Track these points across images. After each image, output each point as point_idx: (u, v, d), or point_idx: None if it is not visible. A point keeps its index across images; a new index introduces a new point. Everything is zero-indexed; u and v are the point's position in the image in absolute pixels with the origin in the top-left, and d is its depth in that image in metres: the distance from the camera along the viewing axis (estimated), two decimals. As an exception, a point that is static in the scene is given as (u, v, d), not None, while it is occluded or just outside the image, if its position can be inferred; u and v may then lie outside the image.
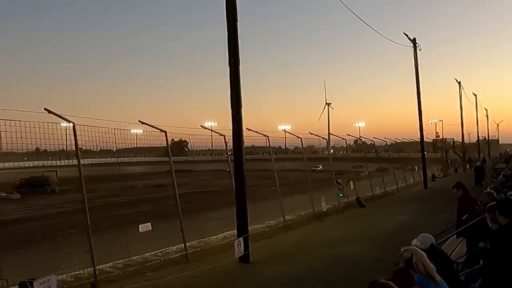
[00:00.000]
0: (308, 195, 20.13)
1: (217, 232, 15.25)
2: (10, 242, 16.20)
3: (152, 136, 12.94)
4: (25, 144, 9.90)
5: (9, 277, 8.56)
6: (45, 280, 7.01)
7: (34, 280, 7.02)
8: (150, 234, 11.74)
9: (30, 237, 18.78)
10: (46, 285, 6.98)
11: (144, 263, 11.48)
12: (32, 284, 6.99)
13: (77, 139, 10.05)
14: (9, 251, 13.44)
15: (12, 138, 9.64)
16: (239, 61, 12.06)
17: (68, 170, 37.22)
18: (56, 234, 18.45)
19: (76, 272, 10.39)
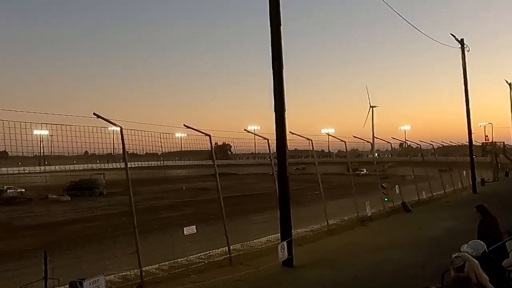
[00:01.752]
0: (352, 199, 19.88)
1: (260, 236, 15.25)
2: (60, 242, 16.67)
3: (196, 139, 13.10)
4: (75, 147, 10.23)
5: (59, 276, 8.81)
6: (94, 280, 7.20)
7: (83, 280, 7.21)
8: (194, 237, 11.87)
9: (79, 238, 19.29)
10: (95, 285, 7.17)
11: (188, 265, 11.61)
12: (81, 284, 7.19)
13: (124, 143, 10.29)
14: (59, 251, 13.83)
15: (63, 142, 9.96)
16: (282, 65, 12.06)
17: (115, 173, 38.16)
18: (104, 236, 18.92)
19: (124, 273, 10.60)
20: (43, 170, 43.07)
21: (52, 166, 38.71)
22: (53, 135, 9.99)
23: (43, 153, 12.07)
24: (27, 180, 29.50)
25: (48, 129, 10.08)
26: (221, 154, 69.52)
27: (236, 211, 18.61)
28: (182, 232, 11.52)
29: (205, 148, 13.47)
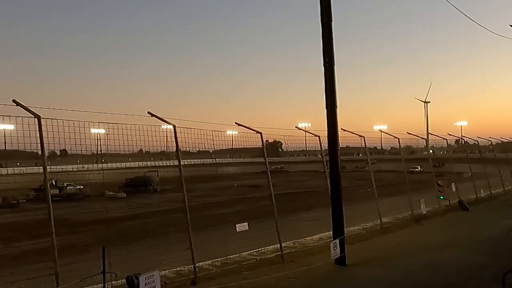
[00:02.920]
0: (406, 197, 19.44)
1: (312, 233, 15.18)
2: (116, 238, 17.16)
3: (247, 137, 13.17)
4: (130, 145, 10.51)
5: (116, 271, 9.07)
6: (149, 275, 7.37)
7: (139, 275, 7.39)
8: (246, 234, 11.93)
9: (134, 234, 19.82)
10: (150, 280, 7.33)
11: (241, 262, 11.70)
12: (137, 278, 7.37)
13: (177, 141, 10.48)
14: (115, 246, 14.25)
15: (118, 140, 10.24)
16: (334, 61, 11.93)
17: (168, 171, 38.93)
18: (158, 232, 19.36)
19: (178, 268, 10.80)
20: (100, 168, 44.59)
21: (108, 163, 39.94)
22: (110, 133, 10.29)
23: (100, 151, 12.47)
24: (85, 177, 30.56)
25: (104, 128, 10.38)
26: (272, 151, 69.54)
27: (287, 208, 18.57)
28: (234, 228, 11.62)
29: (256, 145, 13.51)
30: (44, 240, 10.63)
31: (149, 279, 7.30)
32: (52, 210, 8.40)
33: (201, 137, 11.70)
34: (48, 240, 8.54)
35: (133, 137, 10.34)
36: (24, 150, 9.11)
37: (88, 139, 10.17)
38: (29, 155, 31.64)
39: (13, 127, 8.79)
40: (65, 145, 9.40)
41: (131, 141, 10.40)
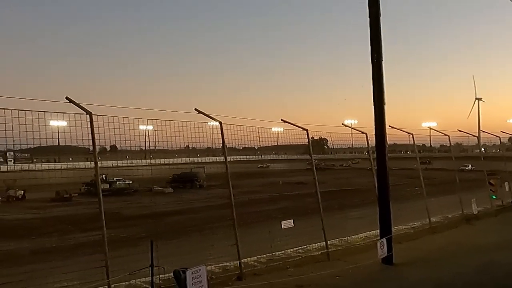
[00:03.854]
0: (456, 196, 18.88)
1: (358, 232, 14.99)
2: (163, 232, 17.49)
3: (292, 134, 13.13)
4: (177, 142, 10.67)
5: (164, 265, 9.24)
6: (196, 270, 7.45)
7: (186, 269, 7.49)
8: (291, 231, 11.91)
9: (181, 228, 20.16)
10: (197, 275, 7.42)
11: (286, 259, 11.69)
12: (184, 273, 7.47)
13: (223, 137, 10.56)
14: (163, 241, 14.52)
15: (166, 136, 10.42)
16: (382, 56, 11.70)
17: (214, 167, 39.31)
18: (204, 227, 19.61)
19: (223, 264, 10.90)
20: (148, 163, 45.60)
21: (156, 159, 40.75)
22: (157, 130, 10.48)
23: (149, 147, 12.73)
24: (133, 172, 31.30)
25: (152, 125, 10.58)
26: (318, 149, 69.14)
27: (333, 205, 18.43)
28: (279, 225, 11.62)
29: (302, 142, 13.45)
30: (95, 233, 10.94)
31: (195, 273, 7.39)
32: (102, 204, 8.63)
33: (246, 133, 11.76)
34: (99, 234, 8.79)
35: (180, 133, 10.50)
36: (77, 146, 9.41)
37: (137, 135, 10.40)
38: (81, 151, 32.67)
39: (66, 123, 9.09)
40: (115, 141, 9.64)
41: (178, 137, 10.56)
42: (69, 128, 8.99)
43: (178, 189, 42.75)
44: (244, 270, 10.31)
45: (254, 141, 12.40)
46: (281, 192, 34.47)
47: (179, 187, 43.71)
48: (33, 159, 68.78)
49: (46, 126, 8.66)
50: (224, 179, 11.03)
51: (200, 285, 7.43)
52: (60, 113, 8.74)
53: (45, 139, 8.84)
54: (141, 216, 24.90)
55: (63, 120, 9.04)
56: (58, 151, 37.94)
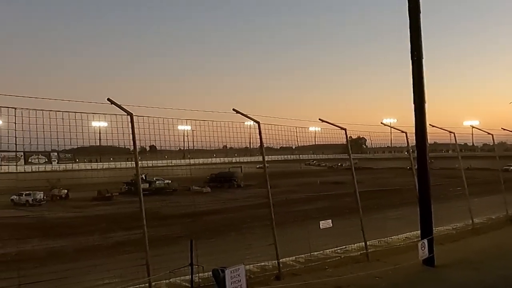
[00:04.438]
0: (500, 197, 18.32)
1: (397, 232, 14.75)
2: (201, 232, 17.69)
3: (330, 133, 13.03)
4: (215, 142, 10.76)
5: (203, 263, 9.33)
6: (235, 269, 7.48)
7: (225, 269, 7.53)
8: (329, 231, 11.83)
9: (218, 228, 20.35)
10: (235, 274, 7.45)
11: (324, 259, 11.61)
12: (223, 272, 7.51)
13: (261, 137, 10.58)
14: (201, 239, 14.69)
15: (204, 136, 10.53)
16: (422, 54, 11.47)
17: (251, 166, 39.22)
18: (241, 226, 19.75)
19: (262, 263, 10.91)
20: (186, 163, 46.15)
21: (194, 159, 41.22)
22: (195, 130, 10.59)
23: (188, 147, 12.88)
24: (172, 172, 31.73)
25: (190, 125, 10.70)
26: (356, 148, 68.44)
27: (372, 206, 18.20)
28: (317, 225, 11.56)
29: (339, 141, 13.33)
30: (135, 232, 11.16)
31: (234, 272, 7.42)
32: (143, 203, 8.78)
33: (284, 133, 11.74)
34: (139, 232, 8.94)
35: (217, 133, 10.58)
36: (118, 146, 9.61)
37: (176, 135, 10.53)
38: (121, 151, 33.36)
39: (106, 124, 9.29)
40: (155, 141, 9.80)
41: (216, 137, 10.64)
42: (110, 128, 9.18)
43: (216, 189, 43.12)
44: (282, 270, 10.29)
45: (292, 140, 12.36)
46: (319, 192, 34.27)
47: (217, 187, 44.08)
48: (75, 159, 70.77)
49: (88, 127, 8.91)
50: (261, 179, 11.04)
51: (239, 284, 7.45)
52: (101, 114, 8.96)
53: (87, 139, 9.10)
54: (180, 215, 25.29)
55: (104, 121, 9.25)
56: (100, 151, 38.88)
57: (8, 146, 7.99)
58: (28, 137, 7.99)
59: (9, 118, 7.62)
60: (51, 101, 8.30)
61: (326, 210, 20.49)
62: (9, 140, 7.85)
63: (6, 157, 63.87)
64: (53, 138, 8.36)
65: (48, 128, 8.11)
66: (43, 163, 75.00)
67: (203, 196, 38.19)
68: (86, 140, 9.20)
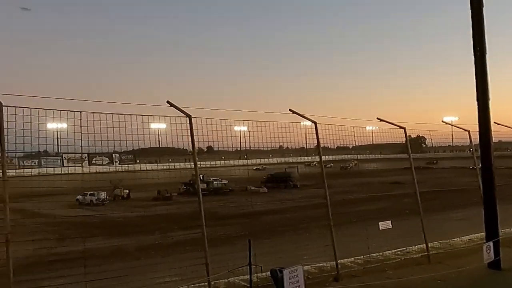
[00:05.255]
0: None
1: (460, 234, 14.26)
2: (258, 231, 17.78)
3: (388, 132, 12.79)
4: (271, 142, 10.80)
5: (260, 263, 9.38)
6: (293, 269, 7.47)
7: (283, 269, 7.54)
8: (388, 232, 11.58)
9: (275, 227, 20.37)
10: (293, 274, 7.44)
11: (384, 261, 11.39)
12: (281, 272, 7.51)
13: (318, 137, 10.52)
14: (259, 239, 14.76)
15: (260, 137, 10.58)
16: (485, 49, 11.02)
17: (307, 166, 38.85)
18: (298, 227, 19.69)
19: (319, 264, 10.84)
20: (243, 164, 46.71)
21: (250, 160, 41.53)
22: (251, 130, 10.67)
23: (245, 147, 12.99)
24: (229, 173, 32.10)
25: (247, 125, 10.78)
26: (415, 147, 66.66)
27: (433, 206, 17.63)
28: (376, 226, 11.36)
29: (397, 140, 13.05)
30: (194, 231, 11.34)
31: (292, 273, 7.42)
32: (202, 203, 8.93)
33: (341, 133, 11.61)
34: (198, 232, 9.10)
35: (273, 134, 10.61)
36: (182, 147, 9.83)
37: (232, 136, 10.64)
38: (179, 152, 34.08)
39: (165, 125, 9.53)
40: (212, 142, 9.96)
41: (272, 137, 10.67)
42: (169, 130, 9.40)
43: (272, 189, 43.19)
44: (340, 271, 10.18)
45: (349, 140, 12.21)
46: (377, 192, 33.65)
47: (273, 187, 44.15)
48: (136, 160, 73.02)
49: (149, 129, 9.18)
50: (318, 179, 10.97)
51: (297, 285, 7.44)
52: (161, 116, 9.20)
53: (148, 141, 9.38)
54: (237, 215, 25.54)
55: (163, 123, 9.49)
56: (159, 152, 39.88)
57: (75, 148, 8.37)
58: (93, 139, 8.30)
59: (74, 122, 7.96)
60: (113, 104, 8.63)
61: (385, 210, 20.09)
62: (75, 142, 8.19)
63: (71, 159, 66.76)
64: (116, 140, 8.66)
65: (111, 131, 8.41)
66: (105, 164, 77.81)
67: (260, 196, 38.35)
68: (146, 142, 9.50)
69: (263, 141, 10.67)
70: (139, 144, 9.67)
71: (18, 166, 54.29)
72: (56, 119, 7.98)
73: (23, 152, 8.62)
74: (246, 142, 12.08)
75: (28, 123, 7.44)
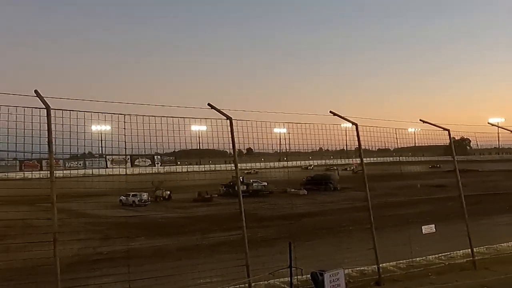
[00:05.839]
0: None
1: (508, 239, 13.80)
2: (298, 234, 17.67)
3: (430, 134, 12.54)
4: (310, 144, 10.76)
5: (300, 266, 9.34)
6: (334, 273, 7.44)
7: (324, 272, 7.50)
8: (431, 236, 11.37)
9: (315, 230, 20.19)
10: (334, 278, 7.40)
11: (427, 266, 11.17)
12: (322, 275, 7.49)
13: (359, 139, 10.41)
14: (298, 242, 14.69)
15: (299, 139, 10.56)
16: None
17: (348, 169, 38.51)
18: (338, 230, 19.46)
19: (361, 268, 10.71)
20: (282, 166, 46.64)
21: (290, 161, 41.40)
22: (291, 133, 10.65)
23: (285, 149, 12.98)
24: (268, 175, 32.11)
25: (287, 128, 10.77)
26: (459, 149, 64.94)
27: (479, 211, 17.15)
28: (418, 230, 11.16)
29: (440, 143, 12.76)
30: (233, 232, 11.42)
31: (333, 276, 7.38)
32: (243, 205, 8.97)
33: (382, 134, 11.46)
34: (237, 233, 9.15)
35: (313, 135, 10.56)
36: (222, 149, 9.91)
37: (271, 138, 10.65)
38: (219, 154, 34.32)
39: (205, 128, 9.64)
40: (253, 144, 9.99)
41: (311, 139, 10.63)
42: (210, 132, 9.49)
43: (312, 191, 42.88)
44: (382, 275, 10.04)
45: (390, 142, 12.03)
46: (419, 195, 32.97)
47: (313, 189, 43.82)
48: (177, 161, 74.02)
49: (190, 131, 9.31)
50: (358, 181, 10.85)
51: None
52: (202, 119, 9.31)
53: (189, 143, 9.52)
54: (276, 217, 25.47)
55: (204, 125, 9.59)
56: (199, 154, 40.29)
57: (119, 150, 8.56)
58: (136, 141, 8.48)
59: (119, 124, 8.14)
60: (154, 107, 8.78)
61: (428, 214, 19.62)
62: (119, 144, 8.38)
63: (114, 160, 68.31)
64: (159, 142, 8.82)
65: (153, 133, 8.57)
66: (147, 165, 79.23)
67: (299, 198, 38.14)
68: (188, 144, 9.63)
69: (302, 143, 10.66)
70: (181, 146, 9.80)
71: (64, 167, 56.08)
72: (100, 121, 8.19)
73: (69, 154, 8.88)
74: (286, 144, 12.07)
75: (74, 125, 7.67)
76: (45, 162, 46.38)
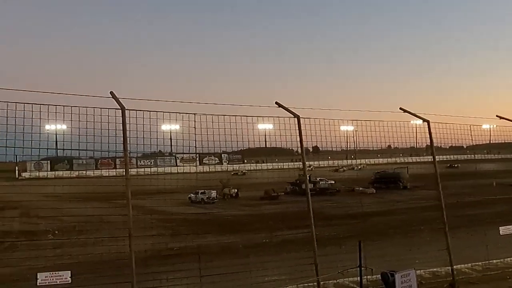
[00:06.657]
0: None
1: None
2: (366, 233, 17.38)
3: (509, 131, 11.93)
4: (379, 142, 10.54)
5: (370, 266, 9.18)
6: (405, 273, 7.26)
7: (395, 272, 7.34)
8: (509, 237, 10.82)
9: (384, 229, 19.78)
10: (406, 279, 7.22)
11: (505, 268, 10.67)
12: (393, 276, 7.32)
13: (431, 136, 10.08)
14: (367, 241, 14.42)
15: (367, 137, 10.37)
16: None
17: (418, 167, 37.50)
18: (409, 229, 18.94)
19: (433, 269, 10.40)
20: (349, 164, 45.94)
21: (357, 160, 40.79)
22: (358, 130, 10.49)
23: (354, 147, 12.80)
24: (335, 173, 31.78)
25: (355, 125, 10.62)
26: (541, 147, 61.33)
27: (563, 211, 16.09)
28: (495, 231, 10.68)
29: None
30: (300, 231, 11.38)
31: (405, 277, 7.21)
32: (311, 203, 8.93)
33: (455, 131, 11.05)
34: (304, 231, 9.11)
35: (381, 133, 10.35)
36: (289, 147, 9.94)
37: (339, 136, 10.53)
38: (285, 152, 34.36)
39: (271, 126, 9.67)
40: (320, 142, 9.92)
41: (380, 137, 10.42)
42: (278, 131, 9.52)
43: (380, 190, 41.95)
44: (456, 278, 9.67)
45: (464, 139, 11.58)
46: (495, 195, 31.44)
47: (381, 188, 42.87)
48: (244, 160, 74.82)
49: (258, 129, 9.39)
50: (429, 180, 10.50)
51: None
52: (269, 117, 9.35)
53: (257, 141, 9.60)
54: (343, 216, 25.19)
55: (271, 123, 9.64)
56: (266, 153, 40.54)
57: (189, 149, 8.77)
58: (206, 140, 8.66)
59: (189, 123, 8.34)
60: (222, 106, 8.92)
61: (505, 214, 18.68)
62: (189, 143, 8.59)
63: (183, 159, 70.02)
64: (227, 140, 8.95)
65: (221, 132, 8.71)
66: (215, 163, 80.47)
67: (367, 197, 37.42)
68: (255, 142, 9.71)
69: (371, 141, 10.47)
70: (249, 144, 9.90)
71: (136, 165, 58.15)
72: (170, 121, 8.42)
73: (141, 152, 9.19)
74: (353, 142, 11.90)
75: (146, 125, 7.94)
76: (118, 160, 48.46)
